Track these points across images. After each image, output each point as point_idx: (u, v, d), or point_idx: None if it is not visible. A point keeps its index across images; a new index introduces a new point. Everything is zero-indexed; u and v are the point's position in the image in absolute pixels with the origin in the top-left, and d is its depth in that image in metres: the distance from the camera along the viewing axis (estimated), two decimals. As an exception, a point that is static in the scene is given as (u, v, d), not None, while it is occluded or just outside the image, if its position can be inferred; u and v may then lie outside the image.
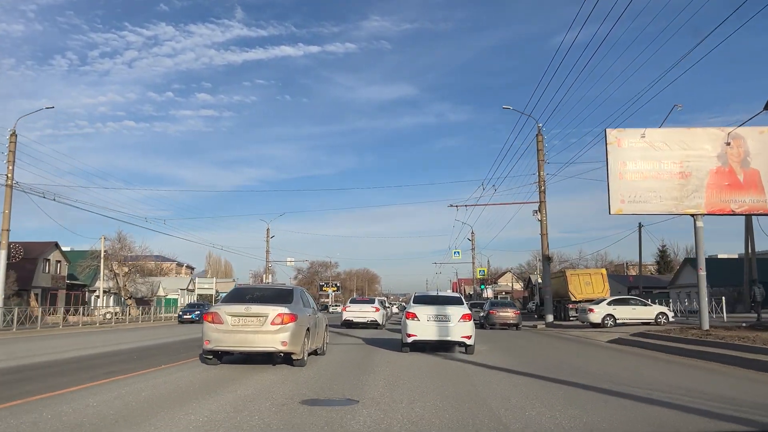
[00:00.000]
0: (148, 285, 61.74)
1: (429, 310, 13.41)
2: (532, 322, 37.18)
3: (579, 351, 16.61)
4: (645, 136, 19.57)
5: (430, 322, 13.25)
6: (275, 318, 10.17)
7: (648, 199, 19.35)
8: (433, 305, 13.72)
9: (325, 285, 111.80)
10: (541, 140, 31.14)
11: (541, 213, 30.84)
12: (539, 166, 31.10)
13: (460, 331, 13.12)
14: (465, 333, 13.16)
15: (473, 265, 78.03)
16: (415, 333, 13.26)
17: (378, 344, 16.84)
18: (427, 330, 13.20)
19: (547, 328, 29.29)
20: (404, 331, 13.52)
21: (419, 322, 13.26)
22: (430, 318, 13.28)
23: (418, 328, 13.24)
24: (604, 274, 37.08)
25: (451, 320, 13.17)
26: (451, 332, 13.11)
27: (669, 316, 26.74)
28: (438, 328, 13.16)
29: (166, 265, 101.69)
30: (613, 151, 19.59)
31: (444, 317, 13.23)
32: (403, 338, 13.55)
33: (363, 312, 27.08)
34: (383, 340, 19.32)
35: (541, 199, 31.05)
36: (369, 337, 20.53)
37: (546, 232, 30.86)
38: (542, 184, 30.98)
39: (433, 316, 13.30)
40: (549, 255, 30.84)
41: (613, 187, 19.45)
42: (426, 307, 13.57)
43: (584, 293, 36.14)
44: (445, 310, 13.37)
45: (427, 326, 13.22)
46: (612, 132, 19.80)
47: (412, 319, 13.37)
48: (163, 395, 7.43)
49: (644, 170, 19.43)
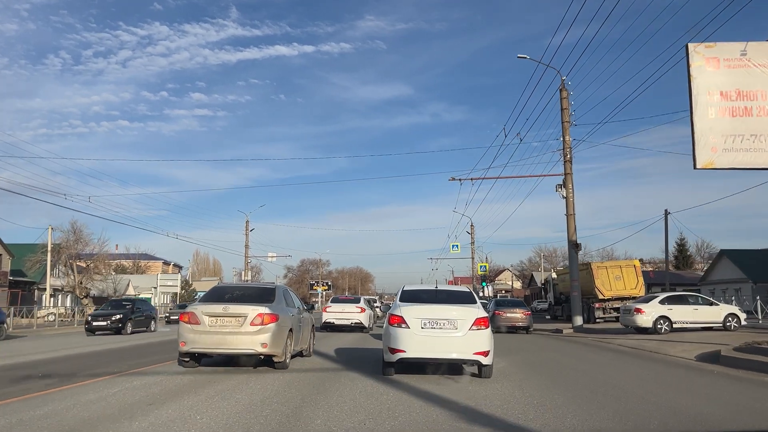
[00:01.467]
0: (110, 282, 55.00)
1: (424, 312, 8.99)
2: (549, 325, 30.81)
3: (662, 377, 10.31)
4: (747, 53, 13.19)
5: (425, 330, 8.82)
6: (255, 318, 9.65)
7: (754, 147, 12.96)
8: (430, 304, 9.34)
9: (316, 284, 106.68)
10: (565, 96, 24.76)
11: (567, 188, 24.46)
12: (563, 129, 24.72)
13: (472, 344, 8.76)
14: (480, 347, 8.76)
15: (472, 261, 71.36)
16: (403, 347, 8.84)
17: (353, 361, 11.60)
18: (422, 343, 8.81)
19: (576, 333, 22.90)
20: (387, 343, 9.14)
21: (409, 331, 8.82)
22: (426, 324, 8.84)
23: (407, 339, 8.83)
24: (638, 267, 30.69)
25: (458, 327, 8.80)
26: (459, 346, 8.78)
27: (741, 319, 20.44)
28: (438, 341, 8.80)
29: (152, 264, 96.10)
30: (699, 75, 13.20)
31: (447, 323, 8.83)
32: (386, 354, 9.14)
33: (346, 313, 23.14)
34: (363, 352, 13.81)
35: (566, 170, 24.67)
36: (346, 347, 15.45)
37: (573, 211, 24.47)
38: (568, 152, 24.61)
39: (431, 321, 8.86)
40: (577, 241, 24.45)
41: (699, 128, 13.07)
42: (420, 308, 9.10)
43: (614, 290, 29.81)
44: (449, 312, 8.97)
45: (421, 337, 8.80)
46: (697, 48, 13.37)
47: (398, 326, 8.92)
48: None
49: (746, 103, 13.06)
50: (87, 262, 49.64)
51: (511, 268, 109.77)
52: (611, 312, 30.02)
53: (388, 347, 8.95)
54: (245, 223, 64.43)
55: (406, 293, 9.94)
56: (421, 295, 9.91)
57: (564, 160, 24.70)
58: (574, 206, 24.47)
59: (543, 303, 72.83)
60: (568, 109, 24.71)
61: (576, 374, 10.50)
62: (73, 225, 47.15)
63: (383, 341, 9.30)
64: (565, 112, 24.70)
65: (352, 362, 11.37)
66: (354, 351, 14.22)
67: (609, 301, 29.83)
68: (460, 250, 60.16)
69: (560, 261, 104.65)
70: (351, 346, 15.90)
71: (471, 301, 9.57)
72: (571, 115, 24.63)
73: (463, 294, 10.21)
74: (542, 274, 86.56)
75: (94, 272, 50.33)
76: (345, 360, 12.05)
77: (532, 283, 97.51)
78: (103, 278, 51.93)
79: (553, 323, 33.81)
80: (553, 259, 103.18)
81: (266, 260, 74.47)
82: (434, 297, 9.82)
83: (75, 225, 47.36)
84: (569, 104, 24.75)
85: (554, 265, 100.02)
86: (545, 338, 21.37)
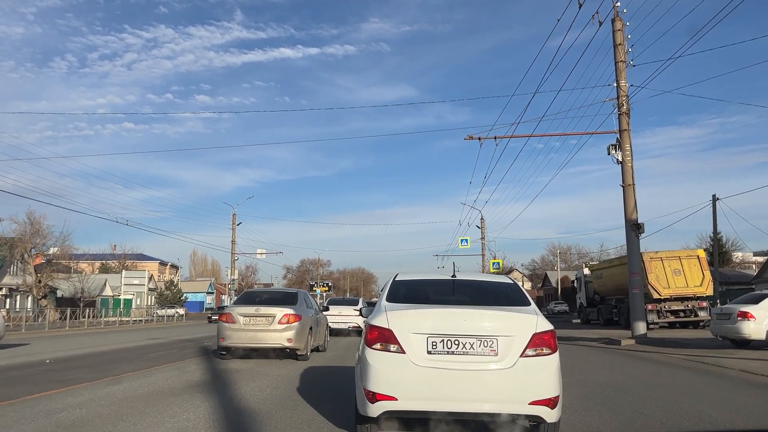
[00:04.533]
0: (76, 282, 48.88)
1: (433, 322, 4.58)
2: (585, 331, 24.57)
3: None
4: None
5: (435, 356, 4.51)
6: (282, 318, 11.43)
7: None
8: (443, 307, 4.86)
9: (315, 284, 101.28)
10: (619, 29, 18.50)
11: (624, 148, 18.17)
12: (617, 72, 18.46)
13: (525, 384, 4.42)
14: (541, 390, 4.43)
15: (483, 258, 64.85)
16: (391, 391, 4.46)
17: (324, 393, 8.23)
18: (430, 382, 4.42)
19: (641, 345, 16.60)
20: (363, 382, 4.68)
21: (404, 359, 4.53)
22: (437, 345, 4.52)
23: (401, 375, 4.48)
24: (703, 258, 24.27)
25: (498, 352, 4.47)
26: (500, 389, 4.42)
27: None
28: (460, 378, 4.41)
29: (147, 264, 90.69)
30: None
31: (479, 344, 4.49)
32: (359, 402, 4.78)
33: (343, 316, 20.78)
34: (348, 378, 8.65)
35: (621, 125, 18.39)
36: (323, 365, 11.73)
37: (632, 181, 18.15)
38: (624, 101, 18.33)
39: (447, 338, 4.51)
40: (638, 221, 18.09)
41: None
42: (426, 314, 4.73)
43: (672, 287, 23.50)
44: (479, 322, 4.58)
45: (427, 371, 4.44)
46: None
47: (384, 350, 4.62)
48: None
49: None
50: (46, 257, 43.72)
51: (521, 267, 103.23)
52: (667, 315, 23.73)
53: (366, 389, 4.63)
54: (232, 216, 58.75)
55: (398, 287, 5.52)
56: (426, 291, 5.59)
57: (619, 112, 18.42)
58: (633, 174, 18.18)
59: (561, 304, 66.48)
60: (624, 45, 18.44)
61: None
62: (29, 216, 41.32)
63: (356, 376, 5.06)
64: (620, 49, 18.43)
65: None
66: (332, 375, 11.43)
67: (665, 302, 23.54)
68: (469, 245, 53.62)
69: (575, 259, 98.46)
70: (331, 363, 13.96)
71: (520, 302, 5.21)
72: (627, 53, 18.36)
73: (505, 288, 5.63)
74: (558, 273, 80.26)
75: (56, 270, 44.36)
76: (350, 355, 12.25)
77: (546, 283, 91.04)
78: (66, 277, 45.91)
79: (584, 328, 27.50)
80: (567, 257, 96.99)
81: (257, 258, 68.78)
82: (450, 294, 5.37)
83: (32, 216, 41.52)
84: (625, 39, 18.49)
85: (569, 264, 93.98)
86: (599, 353, 15.13)
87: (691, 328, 24.19)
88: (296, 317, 11.48)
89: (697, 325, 24.01)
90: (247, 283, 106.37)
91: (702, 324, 23.84)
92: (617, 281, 27.29)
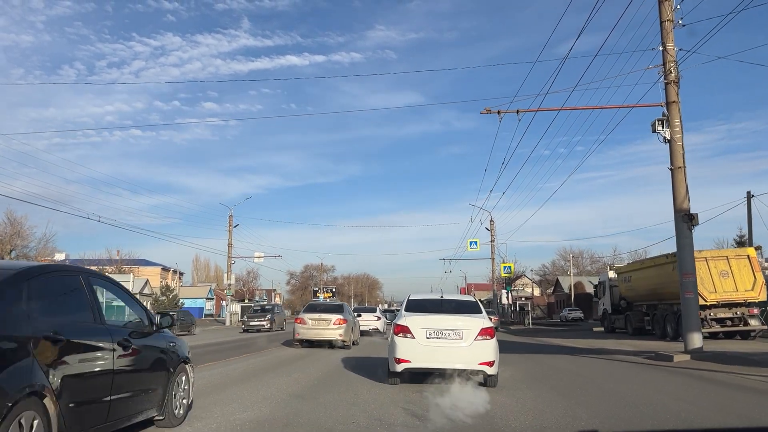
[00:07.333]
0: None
1: (430, 322, 9.44)
2: (613, 340, 21.50)
3: None
4: None
5: (431, 340, 9.29)
6: (335, 321, 17.99)
7: None
8: (436, 314, 9.73)
9: (319, 290, 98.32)
10: (665, -18, 15.48)
11: (673, 124, 15.12)
12: (663, 33, 15.44)
13: (477, 354, 9.16)
14: (485, 357, 9.14)
15: (492, 262, 61.77)
16: (408, 357, 9.34)
17: (379, 348, 16.07)
18: (427, 353, 9.30)
19: (700, 361, 13.51)
20: (392, 353, 9.64)
21: (414, 341, 9.32)
22: (431, 334, 9.33)
23: (412, 349, 9.33)
24: (753, 258, 21.04)
25: (463, 337, 9.27)
26: (464, 356, 9.21)
27: None
28: (443, 351, 9.29)
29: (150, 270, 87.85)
30: None
31: (452, 333, 9.30)
32: (390, 364, 9.68)
33: (365, 321, 25.43)
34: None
35: (669, 96, 15.35)
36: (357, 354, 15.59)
37: (683, 163, 15.08)
38: (672, 68, 15.30)
39: (436, 331, 9.34)
40: (691, 211, 14.96)
41: None
42: (425, 318, 9.55)
43: (719, 291, 20.35)
44: (454, 323, 9.45)
45: (426, 347, 9.30)
46: None
47: (403, 336, 9.42)
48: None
49: None
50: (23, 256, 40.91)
51: (531, 273, 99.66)
52: (712, 325, 20.55)
53: (394, 357, 9.40)
54: (228, 218, 56.14)
55: (411, 303, 10.28)
56: (426, 305, 10.18)
57: (665, 80, 15.40)
58: (684, 154, 15.13)
59: (575, 311, 63.04)
60: (671, 3, 15.44)
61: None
62: (8, 215, 38.68)
63: (388, 351, 9.95)
64: (666, 6, 15.43)
65: (378, 349, 16.58)
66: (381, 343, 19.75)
67: (711, 309, 20.35)
68: (479, 248, 50.81)
69: (587, 264, 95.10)
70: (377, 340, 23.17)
71: (476, 311, 9.92)
72: (675, 11, 15.36)
73: (469, 304, 10.51)
74: (570, 278, 76.77)
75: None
76: (374, 348, 18.26)
77: (558, 289, 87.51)
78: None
79: (611, 338, 24.34)
80: (579, 262, 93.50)
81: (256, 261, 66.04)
82: (440, 307, 10.08)
83: (11, 215, 38.87)
84: None
85: (581, 269, 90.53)
86: (653, 375, 12.06)
87: (737, 338, 21.06)
88: (344, 320, 18.12)
89: (746, 336, 20.86)
90: (248, 288, 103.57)
91: (753, 334, 20.70)
92: (650, 285, 24.17)
